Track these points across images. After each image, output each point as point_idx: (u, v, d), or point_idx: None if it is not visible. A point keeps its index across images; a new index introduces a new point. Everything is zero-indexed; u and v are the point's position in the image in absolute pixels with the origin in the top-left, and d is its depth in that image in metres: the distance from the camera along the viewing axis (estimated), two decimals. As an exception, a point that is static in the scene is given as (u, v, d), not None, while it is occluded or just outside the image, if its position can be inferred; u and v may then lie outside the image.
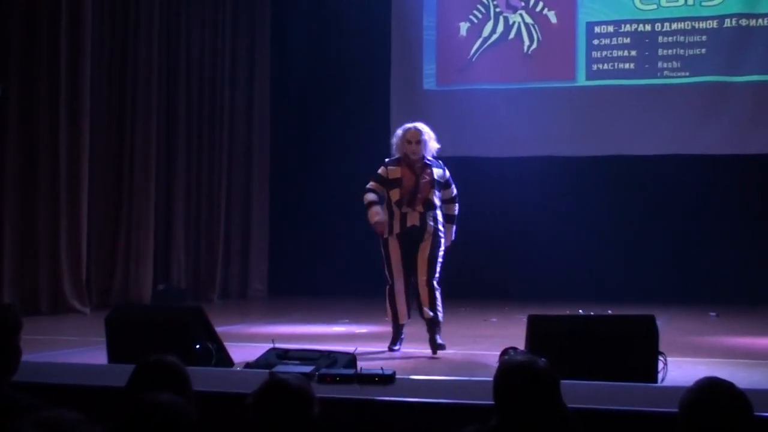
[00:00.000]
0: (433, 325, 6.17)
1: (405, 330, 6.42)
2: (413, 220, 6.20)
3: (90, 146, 9.39)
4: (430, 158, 6.24)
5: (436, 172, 6.22)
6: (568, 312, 8.28)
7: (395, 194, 6.21)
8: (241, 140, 11.60)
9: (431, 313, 6.14)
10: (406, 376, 4.47)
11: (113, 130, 10.03)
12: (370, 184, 6.31)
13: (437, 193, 6.19)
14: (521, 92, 11.23)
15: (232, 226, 11.50)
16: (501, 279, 11.17)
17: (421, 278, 6.15)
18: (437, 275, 6.19)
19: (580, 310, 8.68)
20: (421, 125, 6.27)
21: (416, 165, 6.20)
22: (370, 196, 6.23)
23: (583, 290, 10.76)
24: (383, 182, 6.27)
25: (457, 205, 6.38)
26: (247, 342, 6.64)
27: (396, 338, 6.33)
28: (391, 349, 6.22)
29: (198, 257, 11.12)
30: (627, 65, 11.04)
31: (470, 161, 10.89)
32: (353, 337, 7.24)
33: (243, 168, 11.64)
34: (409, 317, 6.32)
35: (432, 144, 6.23)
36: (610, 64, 11.09)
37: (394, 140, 6.26)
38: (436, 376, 4.85)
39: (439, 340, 6.11)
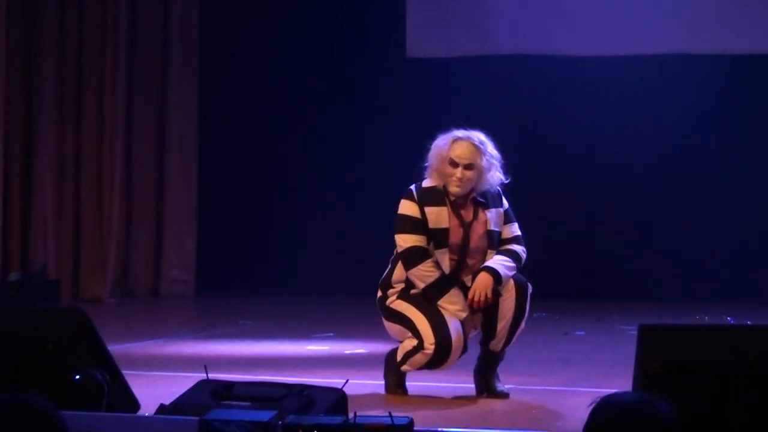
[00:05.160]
0: (494, 360, 6.15)
1: None
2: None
3: None
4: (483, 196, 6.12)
5: (494, 214, 6.13)
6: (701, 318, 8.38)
7: (443, 258, 6.04)
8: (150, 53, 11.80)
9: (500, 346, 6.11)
10: (431, 429, 4.46)
11: None
12: (406, 241, 6.06)
13: (493, 252, 6.05)
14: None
15: (134, 181, 11.63)
16: (592, 269, 11.26)
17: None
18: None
19: (729, 318, 8.70)
20: (479, 137, 6.07)
21: (462, 204, 6.11)
22: (423, 269, 6.01)
23: (719, 284, 10.87)
24: (423, 229, 6.06)
25: (523, 249, 6.15)
26: (163, 369, 6.67)
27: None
28: None
29: (77, 229, 11.18)
30: None
31: (544, 62, 10.86)
32: (341, 361, 7.27)
33: (154, 92, 11.84)
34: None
35: (494, 176, 6.07)
36: None
37: (433, 152, 6.08)
38: (479, 429, 4.85)
39: (500, 386, 6.06)
